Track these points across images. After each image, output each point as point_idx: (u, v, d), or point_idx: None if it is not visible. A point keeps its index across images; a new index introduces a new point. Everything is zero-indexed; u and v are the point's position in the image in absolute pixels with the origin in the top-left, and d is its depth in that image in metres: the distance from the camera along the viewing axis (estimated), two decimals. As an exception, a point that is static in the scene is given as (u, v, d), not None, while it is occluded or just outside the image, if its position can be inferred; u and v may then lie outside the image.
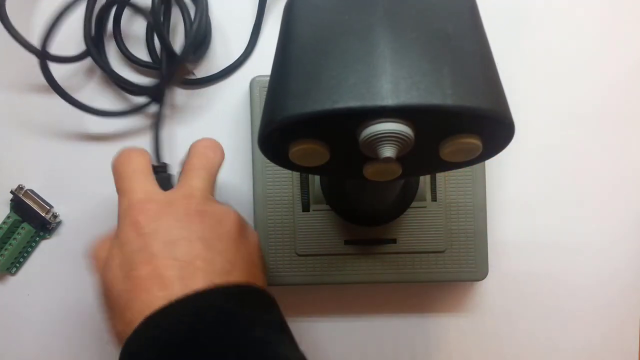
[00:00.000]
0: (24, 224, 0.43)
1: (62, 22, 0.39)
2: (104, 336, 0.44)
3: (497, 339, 0.44)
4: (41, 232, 0.43)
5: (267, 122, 0.23)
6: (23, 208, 0.43)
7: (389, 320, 0.44)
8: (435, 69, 0.21)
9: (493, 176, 0.43)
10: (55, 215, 0.43)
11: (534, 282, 0.44)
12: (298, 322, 0.44)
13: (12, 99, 0.44)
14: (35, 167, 0.44)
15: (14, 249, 0.43)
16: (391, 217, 0.39)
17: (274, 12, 0.44)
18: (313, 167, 0.25)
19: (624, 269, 0.44)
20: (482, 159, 0.24)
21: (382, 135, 0.21)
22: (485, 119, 0.21)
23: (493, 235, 0.42)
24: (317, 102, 0.21)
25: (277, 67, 0.24)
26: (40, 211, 0.43)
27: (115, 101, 0.44)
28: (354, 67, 0.21)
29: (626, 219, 0.43)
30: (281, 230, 0.40)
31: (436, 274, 0.40)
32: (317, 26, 0.23)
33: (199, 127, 0.44)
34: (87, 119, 0.43)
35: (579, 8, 0.44)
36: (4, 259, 0.43)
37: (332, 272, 0.40)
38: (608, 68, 0.43)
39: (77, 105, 0.41)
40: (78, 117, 0.43)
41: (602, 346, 0.44)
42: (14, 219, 0.43)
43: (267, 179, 0.40)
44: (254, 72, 0.42)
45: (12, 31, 0.40)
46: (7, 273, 0.43)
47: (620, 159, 0.43)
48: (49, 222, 0.43)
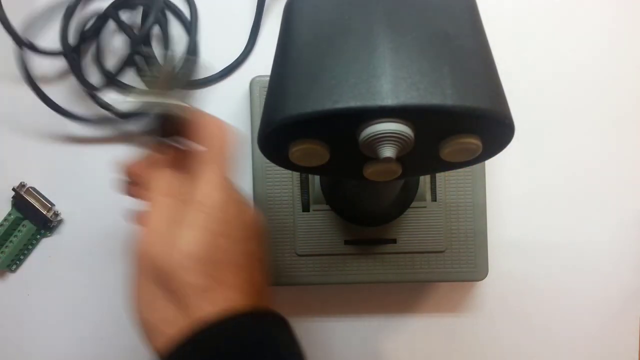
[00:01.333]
0: (25, 221, 0.43)
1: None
2: (102, 335, 0.44)
3: (497, 339, 0.44)
4: (42, 230, 0.43)
5: (267, 122, 0.23)
6: (24, 206, 0.43)
7: (388, 320, 0.44)
8: (435, 69, 0.21)
9: (493, 176, 0.43)
10: (56, 213, 0.43)
11: (534, 282, 0.44)
12: (298, 322, 0.44)
13: (11, 98, 0.44)
14: (38, 165, 0.44)
15: (15, 246, 0.43)
16: (391, 217, 0.39)
17: (274, 12, 0.44)
18: (313, 167, 0.25)
19: (624, 268, 0.44)
20: (482, 159, 0.24)
21: (382, 135, 0.21)
22: (485, 119, 0.21)
23: (493, 235, 0.42)
24: (317, 102, 0.21)
25: (277, 67, 0.24)
26: (41, 209, 0.43)
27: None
28: (354, 67, 0.21)
29: (626, 219, 0.43)
30: (281, 230, 0.40)
31: (436, 274, 0.40)
32: (317, 26, 0.23)
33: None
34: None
35: (579, 8, 0.44)
36: (4, 256, 0.43)
37: (332, 272, 0.40)
38: (608, 68, 0.43)
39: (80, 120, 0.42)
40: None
41: (602, 346, 0.44)
42: (15, 216, 0.43)
43: (267, 179, 0.40)
44: (254, 72, 0.42)
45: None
46: (7, 270, 0.44)
47: (620, 159, 0.43)
48: (50, 220, 0.43)
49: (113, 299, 0.44)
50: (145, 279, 0.29)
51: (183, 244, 0.28)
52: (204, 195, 0.29)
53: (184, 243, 0.28)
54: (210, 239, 0.28)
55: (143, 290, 0.29)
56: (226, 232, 0.29)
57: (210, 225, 0.28)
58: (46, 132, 0.44)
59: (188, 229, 0.28)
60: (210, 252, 0.28)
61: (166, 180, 0.31)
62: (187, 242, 0.28)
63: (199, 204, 0.29)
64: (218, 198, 0.29)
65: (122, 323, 0.44)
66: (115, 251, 0.44)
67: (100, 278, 0.44)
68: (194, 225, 0.28)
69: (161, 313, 0.28)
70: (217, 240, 0.28)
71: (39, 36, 0.43)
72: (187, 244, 0.28)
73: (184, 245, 0.28)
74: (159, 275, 0.28)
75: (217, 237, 0.28)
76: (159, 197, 0.30)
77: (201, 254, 0.28)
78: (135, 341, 0.44)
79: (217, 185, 0.29)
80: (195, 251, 0.28)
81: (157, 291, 0.28)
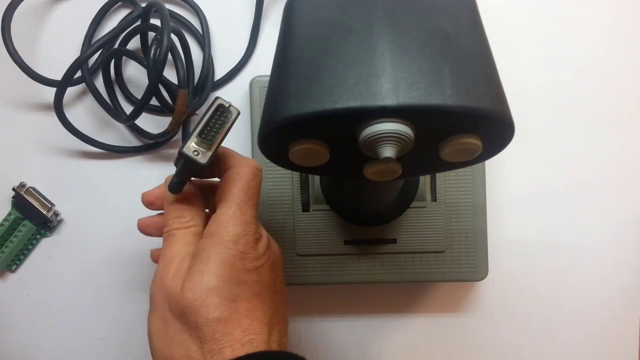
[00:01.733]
0: (25, 221, 0.43)
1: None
2: (102, 335, 0.44)
3: (497, 339, 0.44)
4: (42, 230, 0.43)
5: (267, 122, 0.23)
6: (24, 206, 0.43)
7: (389, 320, 0.44)
8: (435, 69, 0.21)
9: (493, 176, 0.43)
10: (56, 213, 0.43)
11: (534, 282, 0.44)
12: (298, 322, 0.44)
13: (14, 98, 0.44)
14: (37, 165, 0.44)
15: (15, 246, 0.43)
16: (391, 217, 0.39)
17: (274, 12, 0.44)
18: (313, 167, 0.25)
19: (624, 268, 0.44)
20: (482, 159, 0.24)
21: (382, 135, 0.21)
22: (485, 119, 0.21)
23: (493, 235, 0.42)
24: (317, 102, 0.21)
25: (277, 67, 0.24)
26: (41, 209, 0.43)
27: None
28: (354, 67, 0.21)
29: (626, 219, 0.43)
30: (281, 230, 0.40)
31: (436, 274, 0.40)
32: (316, 26, 0.23)
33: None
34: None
35: (579, 8, 0.44)
36: (4, 256, 0.43)
37: (332, 272, 0.40)
38: (608, 68, 0.43)
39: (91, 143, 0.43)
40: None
41: (602, 346, 0.44)
42: (15, 216, 0.43)
43: (267, 179, 0.40)
44: (254, 72, 0.42)
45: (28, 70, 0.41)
46: (7, 270, 0.44)
47: (620, 159, 0.43)
48: (50, 220, 0.43)
49: (113, 299, 0.44)
50: (162, 314, 0.28)
51: (199, 277, 0.28)
52: (219, 228, 0.29)
53: (200, 276, 0.28)
54: (227, 272, 0.28)
55: (160, 325, 0.28)
56: (242, 264, 0.28)
57: (226, 258, 0.28)
58: (46, 131, 0.44)
59: (204, 262, 0.28)
60: (227, 284, 0.28)
61: (182, 214, 0.31)
62: (203, 275, 0.27)
63: (214, 236, 0.29)
64: (233, 231, 0.29)
65: (122, 323, 0.44)
66: (115, 251, 0.44)
67: (100, 278, 0.44)
68: (210, 258, 0.28)
69: (181, 349, 0.27)
70: (234, 273, 0.28)
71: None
72: (203, 277, 0.27)
73: (199, 279, 0.27)
74: (177, 310, 0.28)
75: (233, 269, 0.28)
76: (174, 231, 0.30)
77: (218, 286, 0.27)
78: (135, 341, 0.44)
79: (232, 219, 0.29)
80: (212, 284, 0.27)
81: (176, 325, 0.28)
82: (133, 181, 0.44)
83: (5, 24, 0.40)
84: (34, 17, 0.44)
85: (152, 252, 0.34)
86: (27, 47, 0.43)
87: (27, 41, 0.43)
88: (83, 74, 0.42)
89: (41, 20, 0.44)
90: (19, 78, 0.41)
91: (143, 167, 0.44)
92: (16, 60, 0.41)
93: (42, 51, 0.44)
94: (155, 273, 0.30)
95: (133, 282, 0.44)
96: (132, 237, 0.43)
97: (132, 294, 0.44)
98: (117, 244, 0.44)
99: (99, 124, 0.44)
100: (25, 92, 0.44)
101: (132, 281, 0.44)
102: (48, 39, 0.44)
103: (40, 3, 0.44)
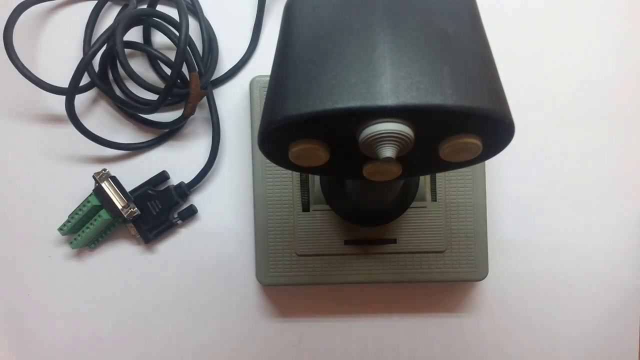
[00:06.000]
0: (102, 211, 0.42)
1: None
2: (102, 335, 0.44)
3: (497, 339, 0.44)
4: (119, 219, 0.42)
5: (267, 122, 0.23)
6: (102, 195, 0.41)
7: (389, 320, 0.44)
8: (435, 69, 0.21)
9: (493, 176, 0.43)
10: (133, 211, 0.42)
11: (534, 282, 0.44)
12: (298, 322, 0.44)
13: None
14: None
15: (90, 231, 0.42)
16: (391, 217, 0.39)
17: (274, 12, 0.44)
18: (313, 167, 0.25)
19: (624, 268, 0.44)
20: (482, 159, 0.24)
21: (382, 135, 0.21)
22: (485, 119, 0.21)
23: (493, 235, 0.42)
24: (317, 102, 0.21)
25: (277, 67, 0.24)
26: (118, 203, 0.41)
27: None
28: (354, 67, 0.21)
29: (626, 219, 0.43)
30: (281, 231, 0.40)
31: (436, 274, 0.40)
32: (317, 26, 0.23)
33: (200, 127, 0.44)
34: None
35: (579, 8, 0.44)
36: (80, 239, 0.42)
37: (332, 272, 0.40)
38: (608, 68, 0.44)
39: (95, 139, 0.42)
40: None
41: (602, 346, 0.44)
42: (93, 204, 0.41)
43: (267, 179, 0.40)
44: (254, 72, 0.42)
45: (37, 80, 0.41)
46: (86, 249, 0.44)
47: (620, 159, 0.43)
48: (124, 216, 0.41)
49: (113, 299, 0.44)
50: None
51: None
52: None
53: None
54: None
55: None
56: None
57: None
58: (54, 142, 0.44)
59: None
60: None
61: None
62: None
63: None
64: None
65: (122, 323, 0.44)
66: (116, 251, 0.44)
67: (100, 278, 0.44)
68: None
69: None
70: None
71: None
72: None
73: None
74: None
75: None
76: None
77: None
78: (135, 341, 0.44)
79: None
80: None
81: None
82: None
83: (7, 40, 0.40)
84: (31, 29, 0.44)
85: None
86: (26, 61, 0.42)
87: (25, 55, 0.43)
88: (91, 77, 0.41)
89: (38, 31, 0.44)
90: (21, 91, 0.41)
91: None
92: (25, 74, 0.41)
93: (41, 62, 0.44)
94: None
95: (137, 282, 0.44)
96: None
97: (132, 293, 0.44)
98: (117, 244, 0.44)
99: (112, 126, 0.44)
100: (32, 103, 0.44)
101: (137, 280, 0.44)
102: (46, 50, 0.44)
103: (34, 15, 0.44)
